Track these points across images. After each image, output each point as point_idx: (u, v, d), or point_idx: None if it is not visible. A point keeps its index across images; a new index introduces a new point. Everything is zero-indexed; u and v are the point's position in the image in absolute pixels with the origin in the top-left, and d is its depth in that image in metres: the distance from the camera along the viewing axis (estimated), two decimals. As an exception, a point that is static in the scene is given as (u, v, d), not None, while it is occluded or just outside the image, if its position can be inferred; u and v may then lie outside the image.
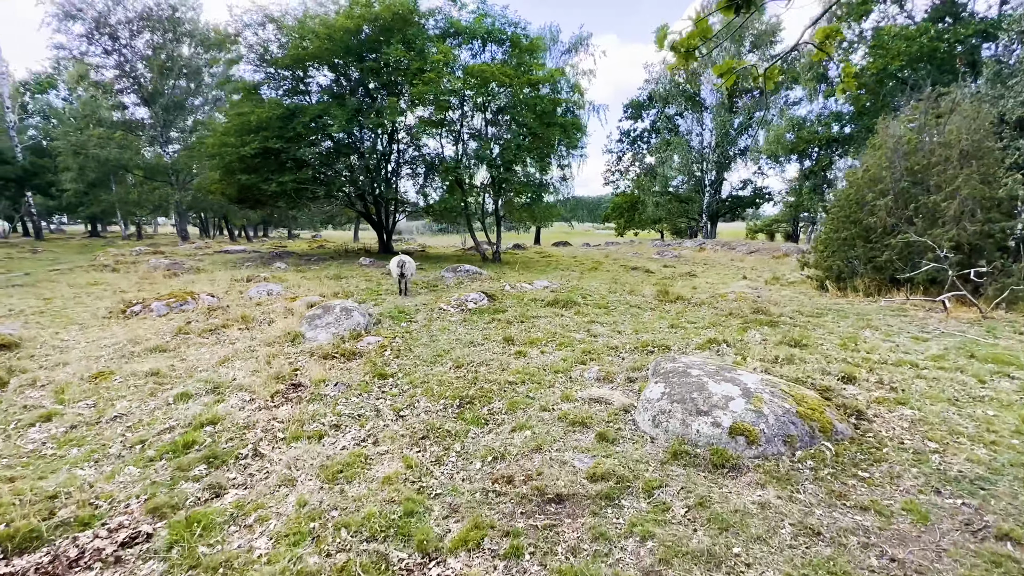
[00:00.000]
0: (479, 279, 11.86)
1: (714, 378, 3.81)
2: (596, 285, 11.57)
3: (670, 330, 6.97)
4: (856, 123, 23.34)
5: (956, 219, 8.39)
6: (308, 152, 13.55)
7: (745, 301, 9.10)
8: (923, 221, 8.86)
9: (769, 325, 7.34)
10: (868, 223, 9.53)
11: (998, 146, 15.16)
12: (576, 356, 5.54)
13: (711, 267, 18.53)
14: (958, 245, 8.45)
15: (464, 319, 7.54)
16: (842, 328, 7.30)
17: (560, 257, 21.26)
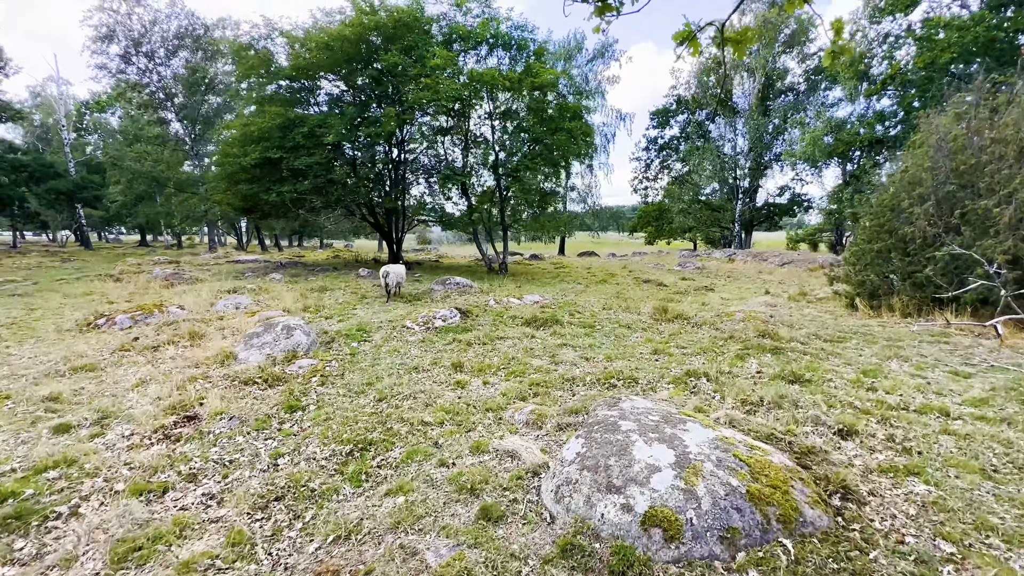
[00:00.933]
0: (468, 292, 11.17)
1: (648, 435, 2.93)
2: (593, 300, 10.65)
3: (650, 357, 6.02)
4: (904, 123, 21.34)
5: (1012, 227, 7.03)
6: (304, 161, 13.32)
7: (754, 321, 7.98)
8: (971, 230, 7.51)
9: (773, 352, 6.26)
10: (905, 233, 8.22)
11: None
12: (521, 389, 4.72)
13: (734, 280, 17.13)
14: (1015, 259, 7.06)
15: (423, 339, 6.84)
16: (864, 358, 6.12)
17: (574, 268, 20.30)
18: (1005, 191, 7.12)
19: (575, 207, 41.41)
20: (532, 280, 15.26)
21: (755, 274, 18.94)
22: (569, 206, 40.87)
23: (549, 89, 14.23)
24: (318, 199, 14.21)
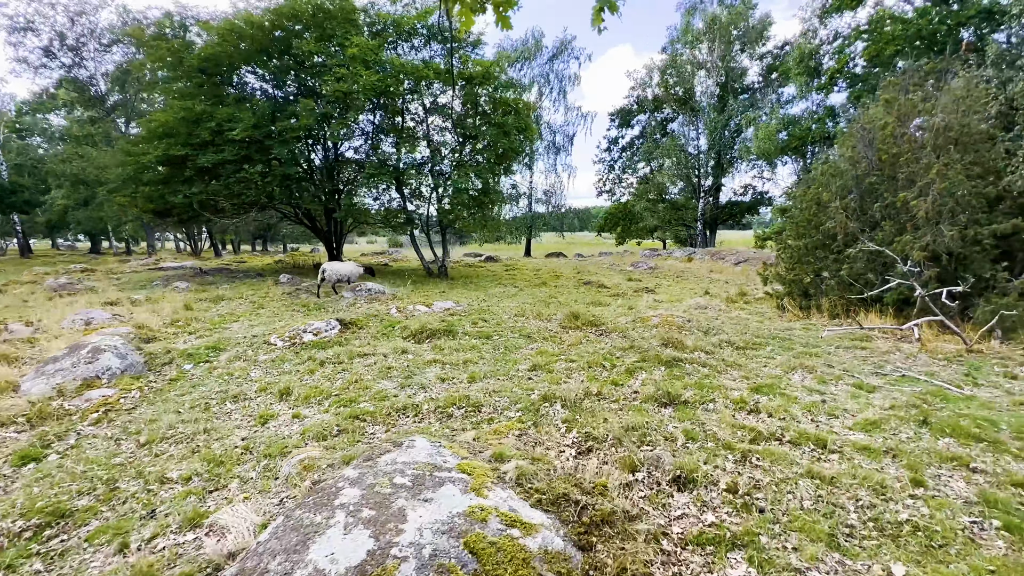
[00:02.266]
0: (377, 300, 10.23)
1: (360, 513, 2.10)
2: (513, 306, 9.84)
3: (523, 376, 5.22)
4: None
5: (931, 221, 6.47)
6: (211, 159, 12.20)
7: (666, 328, 7.27)
8: (891, 225, 6.94)
9: (669, 365, 5.53)
10: (827, 229, 7.64)
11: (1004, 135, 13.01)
12: (330, 424, 3.84)
13: (682, 280, 16.60)
14: (935, 255, 6.51)
15: (277, 358, 5.91)
16: (767, 369, 5.44)
17: (523, 271, 19.53)
18: (922, 182, 6.57)
19: (540, 208, 40.85)
20: (468, 284, 14.40)
21: (706, 273, 18.47)
22: (535, 207, 40.34)
23: (481, 82, 13.40)
24: (228, 201, 13.07)
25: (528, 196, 39.76)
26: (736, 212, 36.43)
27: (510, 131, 13.65)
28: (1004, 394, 4.55)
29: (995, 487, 2.94)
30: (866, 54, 17.91)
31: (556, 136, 39.29)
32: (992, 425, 3.83)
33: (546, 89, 38.28)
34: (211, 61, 13.21)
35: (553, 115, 38.19)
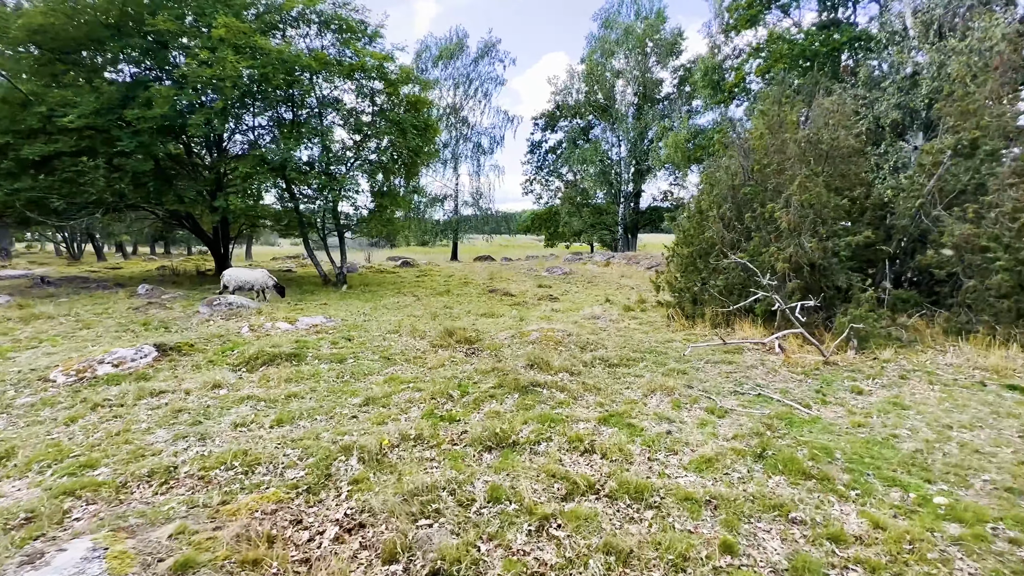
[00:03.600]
0: (238, 315, 8.97)
1: None
2: (395, 320, 9.00)
3: (348, 414, 4.43)
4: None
5: (793, 233, 6.49)
6: (38, 150, 10.23)
7: (542, 344, 6.80)
8: (760, 235, 6.93)
9: (525, 391, 4.98)
10: (706, 238, 7.55)
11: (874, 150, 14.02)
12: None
13: (592, 286, 16.55)
14: (799, 267, 6.53)
15: (45, 400, 4.68)
16: (629, 392, 5.05)
17: (434, 276, 18.66)
18: (788, 192, 6.59)
19: (467, 211, 40.13)
20: (364, 294, 13.32)
21: (617, 279, 18.64)
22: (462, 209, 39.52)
23: (372, 76, 12.40)
24: (64, 201, 11.07)
25: (454, 198, 38.94)
26: (655, 217, 37.82)
27: (407, 129, 12.76)
28: (846, 413, 4.43)
29: (811, 543, 2.59)
30: (758, 71, 18.95)
31: (482, 138, 38.79)
32: (827, 454, 3.60)
33: (471, 90, 37.69)
34: (44, 34, 11.15)
35: (479, 117, 37.44)
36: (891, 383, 5.19)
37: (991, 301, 6.29)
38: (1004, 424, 4.10)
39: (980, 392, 4.86)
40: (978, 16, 12.33)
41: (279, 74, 10.96)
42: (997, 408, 4.43)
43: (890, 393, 4.90)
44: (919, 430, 4.01)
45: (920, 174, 8.48)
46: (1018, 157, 6.84)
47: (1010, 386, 4.94)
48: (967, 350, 6.10)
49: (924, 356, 6.10)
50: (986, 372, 5.42)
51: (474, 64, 36.98)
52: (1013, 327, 6.21)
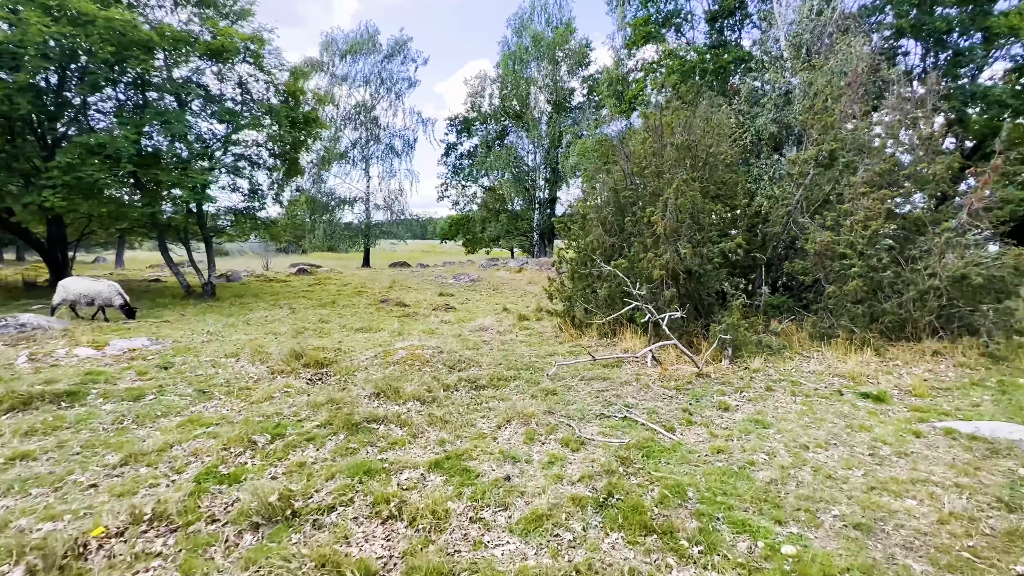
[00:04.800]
0: (31, 338, 7.13)
1: None
2: (245, 339, 7.66)
3: (85, 481, 3.27)
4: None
5: (670, 239, 6.23)
6: None
7: (406, 365, 5.95)
8: (640, 241, 6.64)
9: (356, 429, 4.10)
10: (586, 244, 7.14)
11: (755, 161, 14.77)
12: None
13: (497, 294, 15.99)
14: (675, 274, 6.28)
15: None
16: (483, 423, 4.36)
17: (327, 284, 17.08)
18: (664, 196, 6.33)
19: (379, 215, 38.14)
20: (232, 306, 11.60)
21: (525, 285, 18.27)
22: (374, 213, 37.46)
23: (239, 59, 10.82)
24: None
25: (366, 201, 36.85)
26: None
27: (281, 121, 11.31)
28: (709, 436, 4.05)
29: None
30: (653, 84, 19.66)
31: (395, 140, 37.16)
32: (679, 495, 3.11)
33: (382, 90, 35.98)
34: None
35: (391, 118, 35.79)
36: (757, 396, 4.98)
37: (848, 306, 6.44)
38: (856, 439, 3.92)
39: (837, 402, 4.76)
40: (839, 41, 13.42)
41: (107, 47, 9.08)
42: (851, 420, 4.30)
43: (754, 408, 4.64)
44: (776, 453, 3.69)
45: (789, 183, 8.82)
46: (869, 168, 7.18)
47: (863, 394, 4.91)
48: (829, 356, 6.18)
49: (791, 363, 6.08)
50: (844, 379, 5.42)
51: (385, 62, 35.36)
52: (868, 331, 6.41)
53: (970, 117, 18.89)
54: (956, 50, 18.17)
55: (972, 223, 6.54)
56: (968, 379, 5.37)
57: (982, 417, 4.26)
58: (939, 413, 4.39)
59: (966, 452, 3.65)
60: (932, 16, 17.27)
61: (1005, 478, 3.30)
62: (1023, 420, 4.19)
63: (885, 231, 6.46)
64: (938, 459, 3.57)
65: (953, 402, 4.72)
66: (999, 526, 2.77)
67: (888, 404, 4.71)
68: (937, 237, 6.40)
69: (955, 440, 3.83)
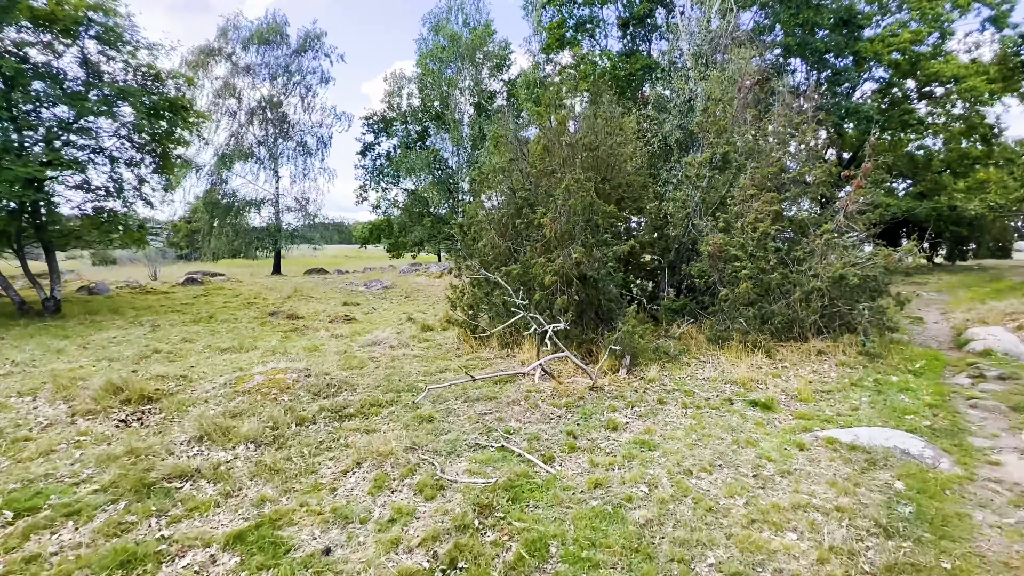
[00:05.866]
0: None
1: None
2: (62, 368, 6.21)
3: None
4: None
5: (563, 243, 5.80)
6: None
7: (258, 395, 4.98)
8: (532, 245, 6.16)
9: (151, 491, 3.15)
10: (478, 248, 6.55)
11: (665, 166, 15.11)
12: None
13: (410, 301, 15.06)
14: (570, 280, 5.86)
15: None
16: (331, 467, 3.58)
17: (216, 295, 15.17)
18: (555, 196, 5.89)
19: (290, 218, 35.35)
20: (79, 326, 9.68)
21: (441, 292, 17.44)
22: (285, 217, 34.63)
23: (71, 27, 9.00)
24: None
25: (275, 203, 33.99)
26: (495, 228, 38.16)
27: (137, 106, 9.64)
28: (589, 465, 3.56)
29: None
30: (567, 86, 19.79)
31: (307, 137, 34.69)
32: (539, 551, 2.54)
33: (291, 84, 33.45)
34: None
35: (303, 114, 33.33)
36: (648, 411, 4.62)
37: (740, 308, 6.39)
38: (742, 458, 3.62)
39: (727, 413, 4.52)
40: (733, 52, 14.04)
41: None
42: (739, 434, 4.03)
43: (643, 426, 4.26)
44: (658, 482, 3.27)
45: (687, 186, 8.85)
46: (757, 169, 7.26)
47: (752, 402, 4.73)
48: (724, 361, 6.06)
49: (688, 370, 5.87)
50: (735, 386, 5.26)
51: (295, 56, 32.91)
52: (759, 333, 6.39)
53: (846, 132, 20.92)
54: (834, 70, 19.99)
55: (848, 225, 6.77)
56: (848, 379, 5.42)
57: (860, 423, 4.17)
58: (822, 420, 4.26)
59: (846, 465, 3.46)
60: (814, 37, 18.84)
61: (883, 494, 3.10)
62: (896, 423, 4.15)
63: (773, 233, 6.50)
64: (820, 476, 3.33)
65: (835, 406, 4.65)
66: (878, 560, 2.48)
67: (775, 412, 4.54)
68: (818, 239, 6.54)
69: (836, 451, 3.65)
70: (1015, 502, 3.00)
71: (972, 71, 17.84)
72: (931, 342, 7.65)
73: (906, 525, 2.77)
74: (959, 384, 5.33)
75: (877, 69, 19.95)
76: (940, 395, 4.90)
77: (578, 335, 6.37)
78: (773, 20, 19.44)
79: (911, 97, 20.49)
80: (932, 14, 18.47)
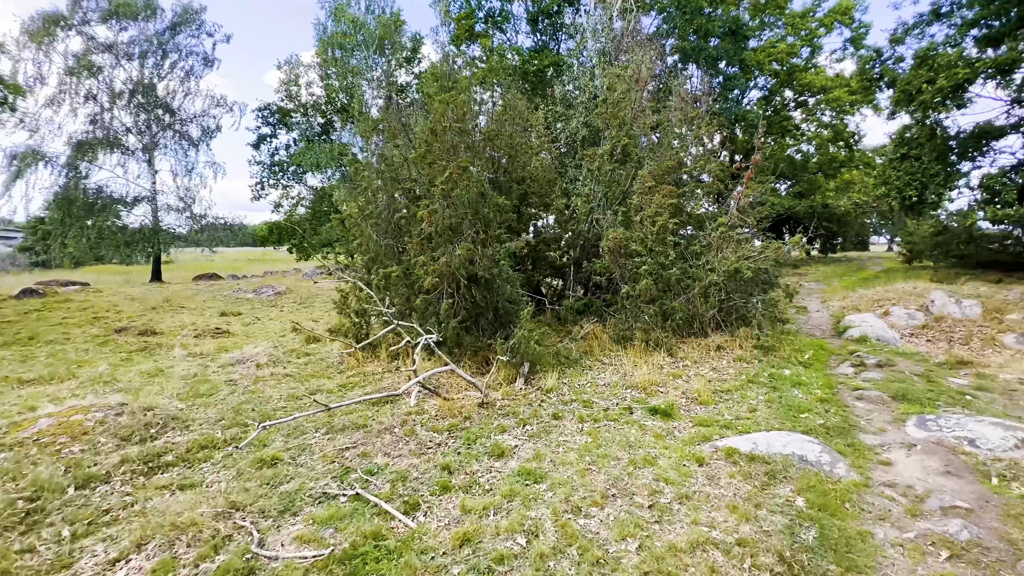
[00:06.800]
0: None
1: None
2: None
3: None
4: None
5: (444, 239, 5.08)
6: None
7: (42, 445, 3.71)
8: (413, 242, 5.36)
9: None
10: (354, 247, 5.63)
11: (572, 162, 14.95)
12: None
13: (304, 308, 13.55)
14: (456, 281, 5.15)
15: None
16: (107, 549, 2.54)
17: (57, 308, 12.56)
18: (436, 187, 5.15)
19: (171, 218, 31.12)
20: None
21: (344, 296, 16.04)
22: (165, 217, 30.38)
23: None
24: None
25: (152, 200, 29.68)
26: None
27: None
28: (461, 513, 2.88)
29: None
30: (475, 78, 19.25)
31: (190, 127, 30.74)
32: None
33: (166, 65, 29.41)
34: None
35: (184, 100, 29.43)
36: (542, 429, 4.05)
37: (642, 306, 6.11)
38: (638, 483, 3.14)
39: (626, 425, 4.08)
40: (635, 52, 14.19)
41: None
42: (636, 452, 3.58)
43: (534, 449, 3.68)
44: (541, 527, 2.67)
45: (591, 180, 8.57)
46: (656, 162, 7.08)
47: (652, 409, 4.35)
48: (626, 362, 5.71)
49: (589, 375, 5.44)
50: (636, 391, 4.89)
51: (171, 33, 28.98)
52: (661, 331, 6.16)
53: (738, 137, 22.47)
54: (726, 76, 21.33)
55: (741, 219, 6.78)
56: (745, 375, 5.29)
57: (759, 426, 3.92)
58: (721, 427, 3.95)
59: (746, 481, 3.10)
60: (707, 44, 19.92)
61: (784, 515, 2.75)
62: (792, 424, 3.96)
63: (672, 227, 6.30)
64: (720, 498, 2.93)
65: (734, 408, 4.41)
66: (785, 613, 2.05)
67: (675, 419, 4.18)
68: (715, 231, 6.45)
69: (736, 464, 3.30)
70: (910, 510, 2.79)
71: (837, 83, 19.91)
72: (816, 331, 8.00)
73: (811, 557, 2.40)
74: (844, 374, 5.41)
75: (761, 78, 21.60)
76: (829, 387, 4.88)
77: (472, 343, 5.70)
78: (671, 25, 20.27)
79: (789, 106, 22.49)
80: (805, 28, 20.34)
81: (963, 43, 11.74)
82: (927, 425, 3.78)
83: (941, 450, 3.42)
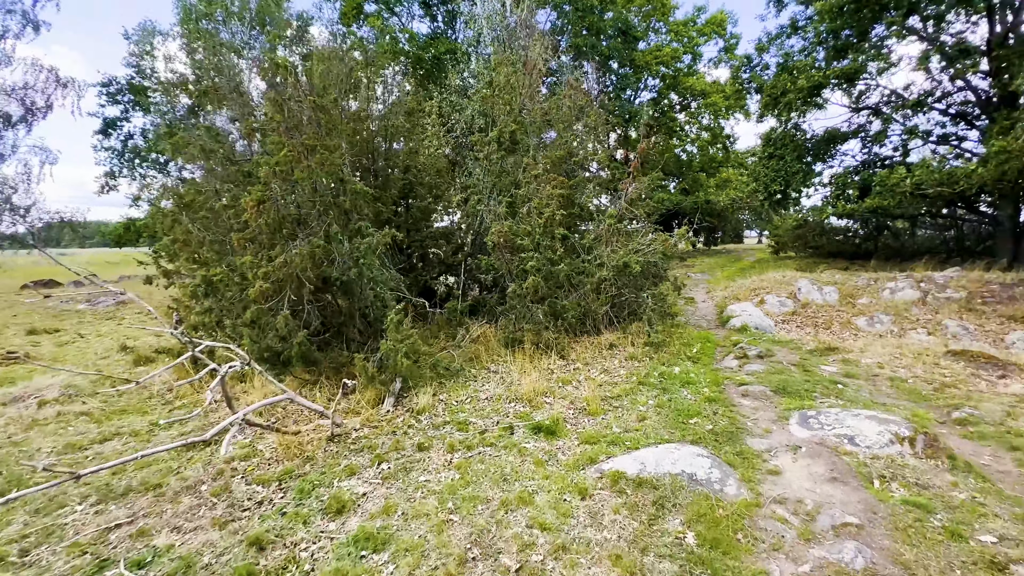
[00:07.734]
0: None
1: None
2: None
3: None
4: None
5: (280, 233, 4.08)
6: None
7: None
8: (240, 238, 4.28)
9: None
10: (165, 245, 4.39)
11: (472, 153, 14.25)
12: None
13: (149, 319, 11.34)
14: (299, 283, 4.17)
15: None
16: None
17: None
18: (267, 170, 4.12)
19: None
20: None
21: (211, 303, 13.85)
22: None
23: None
24: None
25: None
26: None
27: None
28: None
29: None
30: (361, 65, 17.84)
31: (9, 104, 24.96)
32: None
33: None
34: None
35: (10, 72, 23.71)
36: (401, 466, 3.29)
37: (531, 305, 5.59)
38: (508, 534, 2.51)
39: (504, 451, 3.46)
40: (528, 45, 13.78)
41: None
42: (511, 488, 2.96)
43: (385, 497, 2.91)
44: (366, 630, 1.92)
45: (480, 171, 7.95)
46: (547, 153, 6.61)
47: (536, 427, 3.79)
48: (513, 370, 5.14)
49: (471, 387, 4.77)
50: (521, 403, 4.32)
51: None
52: (553, 332, 5.69)
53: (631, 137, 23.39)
54: (619, 76, 22.01)
55: (630, 211, 6.56)
56: (636, 376, 4.97)
57: (648, 439, 3.51)
58: (608, 443, 3.49)
59: (632, 516, 2.61)
60: (599, 42, 20.32)
61: (674, 560, 2.29)
62: (682, 433, 3.62)
63: (560, 218, 5.85)
64: (602, 546, 2.40)
65: (623, 417, 4.00)
66: None
67: (560, 438, 3.65)
68: (605, 223, 6.13)
69: (622, 495, 2.82)
70: (803, 533, 2.47)
71: (715, 89, 21.49)
72: (702, 321, 8.14)
73: (703, 624, 1.92)
74: (729, 368, 5.34)
75: (651, 80, 22.64)
76: (716, 384, 4.71)
77: (336, 358, 4.76)
78: (565, 22, 20.38)
79: (675, 107, 23.91)
80: (687, 36, 21.65)
81: (815, 53, 12.99)
82: (809, 423, 3.65)
83: (825, 451, 3.25)
